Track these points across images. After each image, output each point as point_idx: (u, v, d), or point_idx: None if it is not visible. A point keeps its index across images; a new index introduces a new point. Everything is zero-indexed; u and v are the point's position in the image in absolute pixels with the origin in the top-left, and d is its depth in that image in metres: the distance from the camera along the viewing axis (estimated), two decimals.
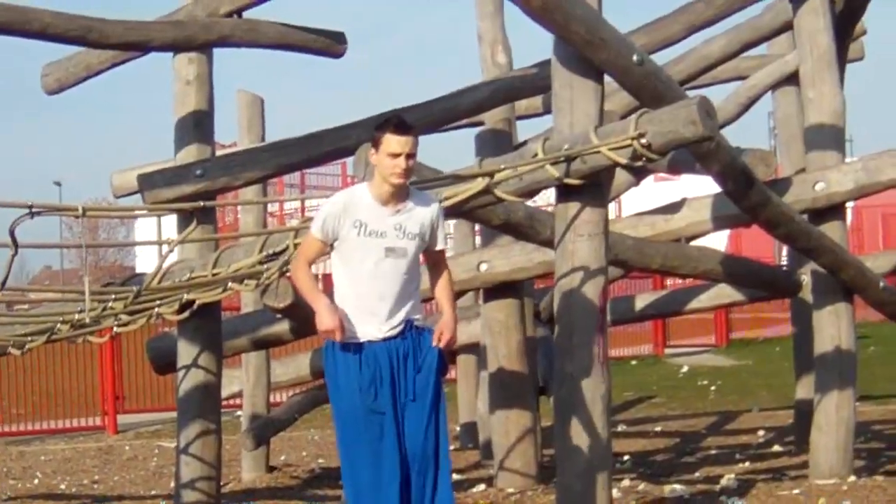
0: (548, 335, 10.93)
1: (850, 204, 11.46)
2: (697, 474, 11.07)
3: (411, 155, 6.40)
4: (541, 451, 10.77)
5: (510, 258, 10.31)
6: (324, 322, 6.42)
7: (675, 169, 10.41)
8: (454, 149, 40.37)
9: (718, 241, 21.90)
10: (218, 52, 9.68)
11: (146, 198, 9.40)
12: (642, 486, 10.10)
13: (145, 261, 40.58)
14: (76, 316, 8.23)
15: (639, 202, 18.50)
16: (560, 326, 7.94)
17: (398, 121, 6.50)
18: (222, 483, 10.00)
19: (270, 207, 30.77)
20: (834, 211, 10.10)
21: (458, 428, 14.41)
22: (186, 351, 9.35)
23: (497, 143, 11.16)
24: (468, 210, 8.28)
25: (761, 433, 14.19)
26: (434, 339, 6.51)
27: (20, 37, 8.72)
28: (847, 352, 9.98)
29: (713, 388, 19.77)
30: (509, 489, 10.22)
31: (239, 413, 14.53)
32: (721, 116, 10.61)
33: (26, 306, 10.05)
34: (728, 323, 26.40)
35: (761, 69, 12.66)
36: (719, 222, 10.66)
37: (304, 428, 15.96)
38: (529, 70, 10.41)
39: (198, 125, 9.56)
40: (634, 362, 24.00)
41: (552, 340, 8.45)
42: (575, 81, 7.81)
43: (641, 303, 13.47)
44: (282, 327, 10.05)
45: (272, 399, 13.62)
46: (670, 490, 9.77)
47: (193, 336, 9.31)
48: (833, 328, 9.99)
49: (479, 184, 7.82)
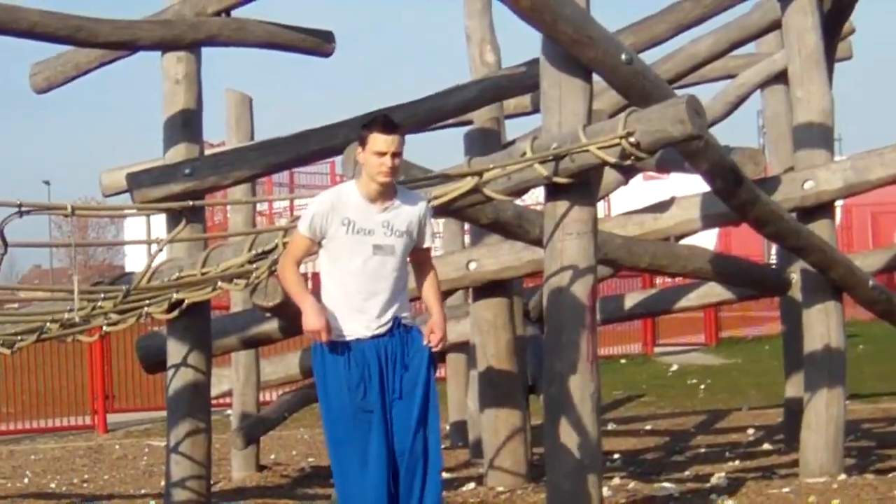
0: (537, 334, 10.94)
1: (840, 202, 11.46)
2: (687, 473, 11.08)
3: (397, 154, 6.43)
4: (530, 450, 10.76)
5: (499, 257, 10.30)
6: (310, 322, 6.42)
7: (664, 168, 10.43)
8: (443, 148, 40.58)
9: (707, 240, 21.92)
10: (206, 52, 9.67)
11: (135, 197, 9.39)
12: (632, 485, 10.09)
13: (135, 260, 40.55)
14: (66, 315, 8.20)
15: (628, 201, 18.53)
16: (549, 325, 7.95)
17: (385, 120, 6.53)
18: (212, 482, 9.97)
19: (259, 206, 30.70)
20: (823, 209, 10.10)
21: (448, 426, 14.38)
22: (176, 350, 9.34)
23: (486, 142, 11.16)
24: (457, 209, 8.28)
25: (751, 432, 14.19)
26: (424, 340, 6.52)
27: (8, 36, 8.71)
28: (836, 350, 9.98)
29: (703, 387, 19.76)
30: (499, 488, 10.21)
31: (229, 412, 14.49)
32: (709, 115, 10.59)
33: (16, 305, 10.02)
34: (717, 321, 26.37)
35: (750, 68, 12.69)
36: (708, 221, 10.66)
37: (294, 427, 15.94)
38: (518, 69, 10.40)
39: (186, 124, 9.55)
40: (624, 361, 23.98)
41: (541, 339, 8.47)
42: (563, 80, 7.82)
43: (630, 301, 13.47)
44: (271, 326, 10.05)
45: (262, 398, 13.62)
46: (660, 488, 9.77)
47: (183, 335, 9.30)
48: (822, 327, 9.99)
49: (468, 183, 7.82)
